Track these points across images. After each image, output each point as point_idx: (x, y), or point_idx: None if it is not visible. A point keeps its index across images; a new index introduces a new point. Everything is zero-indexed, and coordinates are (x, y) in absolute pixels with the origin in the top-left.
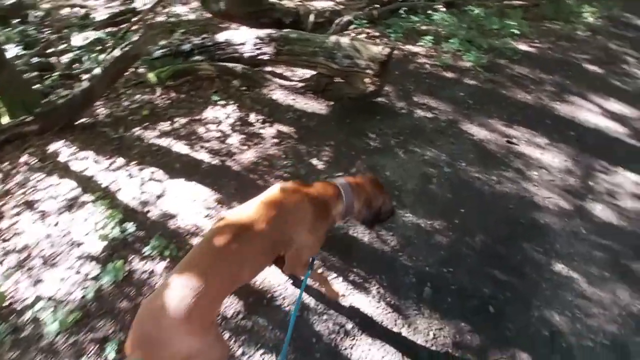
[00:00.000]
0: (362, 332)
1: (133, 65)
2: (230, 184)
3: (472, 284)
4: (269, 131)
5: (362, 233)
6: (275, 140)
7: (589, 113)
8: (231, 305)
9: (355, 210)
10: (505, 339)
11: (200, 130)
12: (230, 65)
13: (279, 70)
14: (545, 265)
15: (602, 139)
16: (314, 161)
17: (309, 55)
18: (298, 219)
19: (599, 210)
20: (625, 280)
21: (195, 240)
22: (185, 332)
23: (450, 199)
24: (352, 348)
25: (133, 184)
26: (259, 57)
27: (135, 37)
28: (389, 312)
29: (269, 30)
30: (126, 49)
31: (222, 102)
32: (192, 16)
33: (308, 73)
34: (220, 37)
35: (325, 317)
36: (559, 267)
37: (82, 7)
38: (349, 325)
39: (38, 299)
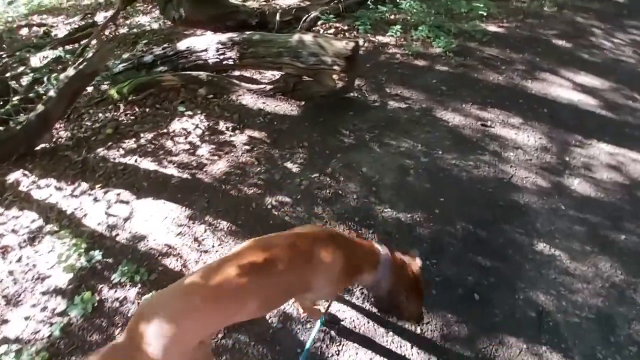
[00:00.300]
0: (348, 336)
1: (91, 83)
2: (202, 197)
3: (456, 273)
4: (240, 138)
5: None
6: (247, 147)
7: (560, 88)
8: None
9: (379, 288)
10: (492, 325)
11: (168, 144)
12: (194, 73)
13: (247, 74)
14: (527, 245)
15: (575, 113)
16: (288, 165)
17: (273, 56)
18: (327, 273)
19: (577, 184)
20: (605, 251)
21: (168, 261)
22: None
23: (429, 189)
24: (338, 354)
25: (99, 208)
26: (224, 63)
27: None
28: (374, 313)
29: (230, 34)
30: (81, 67)
31: (189, 113)
32: (155, 25)
33: (276, 75)
34: (182, 45)
35: (309, 325)
36: (541, 246)
37: (40, 25)
38: (334, 332)
39: (3, 341)
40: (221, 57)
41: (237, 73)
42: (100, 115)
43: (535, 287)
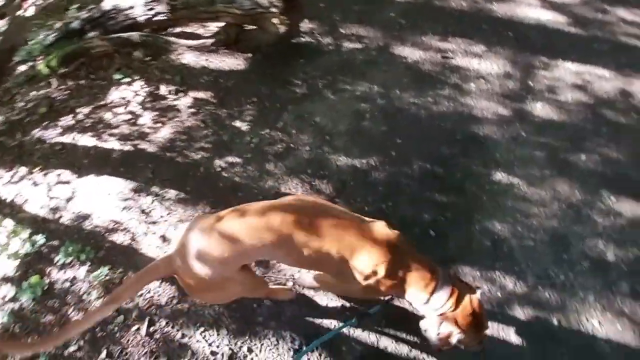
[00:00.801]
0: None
1: (11, 58)
2: (147, 168)
3: (412, 213)
4: (184, 101)
5: (294, 186)
6: (192, 110)
7: (527, 8)
8: (164, 293)
9: (427, 316)
10: (447, 258)
11: (107, 116)
12: (125, 35)
13: (189, 29)
14: (485, 177)
15: (542, 33)
16: (237, 124)
17: (205, 4)
18: (368, 270)
19: (539, 109)
20: (564, 173)
21: (115, 237)
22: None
23: (385, 131)
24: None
25: (39, 192)
26: (155, 19)
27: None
28: None
29: None
30: None
31: (127, 80)
32: None
33: (219, 26)
34: (106, 4)
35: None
36: (499, 175)
37: None
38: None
39: None
40: (151, 12)
41: (178, 30)
42: (32, 94)
43: (491, 217)
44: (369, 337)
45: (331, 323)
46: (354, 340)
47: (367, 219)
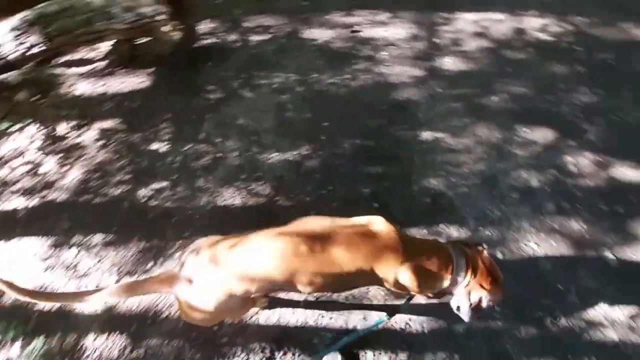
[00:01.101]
0: None
1: None
2: (61, 219)
3: (352, 191)
4: (88, 136)
5: (230, 196)
6: (101, 143)
7: None
8: (114, 345)
9: (453, 294)
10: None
11: (3, 173)
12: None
13: (77, 56)
14: (413, 139)
15: None
16: (155, 146)
17: (83, 25)
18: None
19: (449, 63)
20: (481, 118)
21: (42, 303)
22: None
23: (310, 118)
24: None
25: None
26: (31, 53)
27: None
28: None
29: (21, 14)
30: None
31: (17, 127)
32: None
33: (109, 46)
34: None
35: None
36: (425, 135)
37: None
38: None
39: None
40: (23, 47)
41: (65, 59)
42: None
43: (426, 175)
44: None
45: (297, 320)
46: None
47: (364, 220)
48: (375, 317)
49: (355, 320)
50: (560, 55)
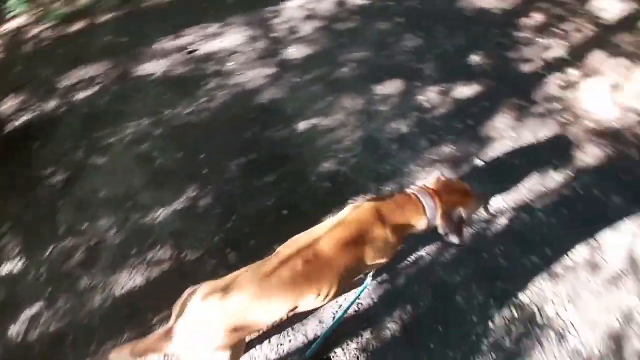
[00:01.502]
0: None
1: None
2: None
3: (257, 208)
4: None
5: (129, 280)
6: None
7: None
8: None
9: (437, 225)
10: (305, 221)
11: None
12: None
13: None
14: (292, 135)
15: None
16: (5, 268)
17: None
18: (377, 249)
19: (294, 53)
20: (341, 91)
21: None
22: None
23: (183, 156)
24: None
25: None
26: None
27: None
28: None
29: None
30: None
31: None
32: None
33: None
34: None
35: None
36: (301, 126)
37: None
38: None
39: None
40: None
41: None
42: None
43: (317, 163)
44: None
45: (264, 357)
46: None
47: (338, 216)
48: (329, 315)
49: (314, 327)
50: (380, 14)
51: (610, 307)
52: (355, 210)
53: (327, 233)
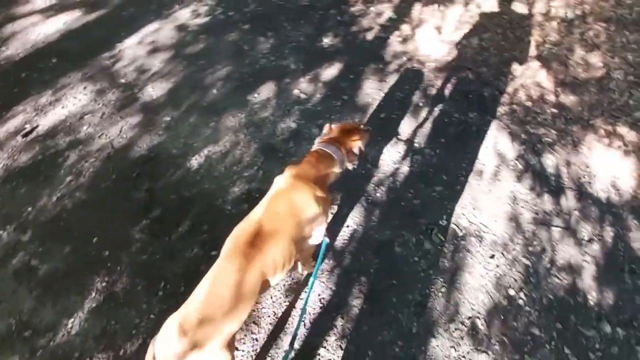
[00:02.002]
0: None
1: None
2: None
3: (182, 264)
4: None
5: None
6: None
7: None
8: None
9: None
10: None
11: None
12: None
13: None
14: (181, 177)
15: (60, 57)
16: None
17: None
18: (310, 206)
19: (153, 92)
20: (219, 113)
21: None
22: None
23: (72, 248)
24: None
25: None
26: None
27: None
28: None
29: None
30: None
31: None
32: None
33: None
34: None
35: None
36: (195, 161)
37: None
38: None
39: None
40: None
41: None
42: None
43: (225, 190)
44: None
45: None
46: None
47: (270, 192)
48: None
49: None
50: (225, 26)
51: (501, 197)
52: (279, 182)
53: (262, 212)
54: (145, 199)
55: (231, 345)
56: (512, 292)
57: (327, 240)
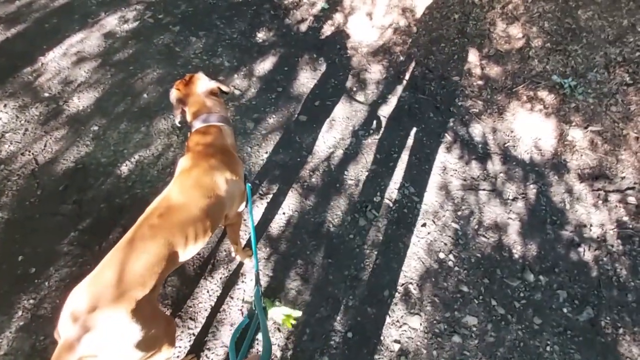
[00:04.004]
0: None
1: None
2: None
3: None
4: None
5: None
6: None
7: None
8: None
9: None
10: None
11: None
12: None
13: None
14: (112, 185)
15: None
16: None
17: None
18: (216, 169)
19: (79, 102)
20: (153, 115)
21: None
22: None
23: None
24: None
25: None
26: None
27: None
28: None
29: None
30: None
31: None
32: None
33: None
34: None
35: None
36: (125, 168)
37: None
38: None
39: None
40: None
41: None
42: None
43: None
44: None
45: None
46: None
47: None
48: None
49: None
50: (155, 30)
51: (431, 169)
52: (182, 162)
53: (172, 188)
54: (75, 212)
55: (145, 312)
56: (442, 255)
57: (249, 185)
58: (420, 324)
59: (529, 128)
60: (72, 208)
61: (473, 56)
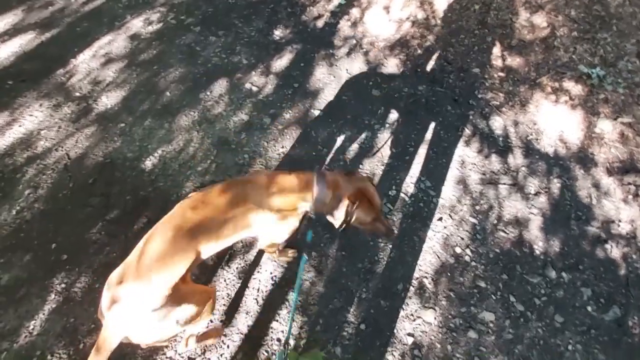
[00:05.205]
0: None
1: None
2: None
3: None
4: None
5: None
6: None
7: None
8: None
9: (323, 205)
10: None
11: None
12: None
13: None
14: (136, 179)
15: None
16: None
17: None
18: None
19: (108, 101)
20: (172, 113)
21: None
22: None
23: (33, 256)
24: None
25: None
26: None
27: None
28: None
29: None
30: None
31: None
32: None
33: None
34: None
35: None
36: (149, 162)
37: None
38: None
39: None
40: None
41: None
42: None
43: (180, 186)
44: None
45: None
46: None
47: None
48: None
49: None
50: (177, 30)
51: (449, 162)
52: (249, 175)
53: (216, 187)
54: (102, 203)
55: (178, 295)
56: (458, 250)
57: (305, 257)
58: (435, 318)
59: (554, 120)
60: (100, 200)
61: (494, 47)
